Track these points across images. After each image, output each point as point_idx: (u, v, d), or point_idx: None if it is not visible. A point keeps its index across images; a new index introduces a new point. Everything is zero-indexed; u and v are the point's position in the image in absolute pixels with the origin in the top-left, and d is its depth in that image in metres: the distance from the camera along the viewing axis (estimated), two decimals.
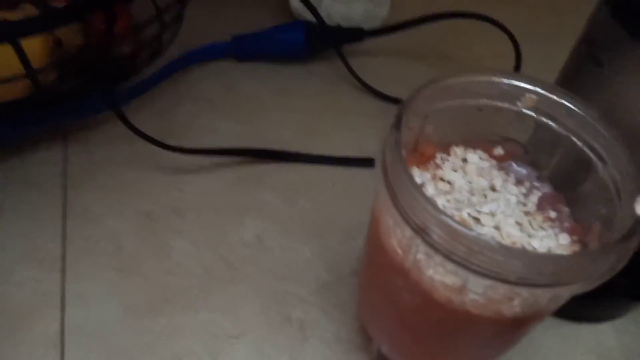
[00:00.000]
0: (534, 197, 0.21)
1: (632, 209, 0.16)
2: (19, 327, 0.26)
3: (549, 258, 0.15)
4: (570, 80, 0.22)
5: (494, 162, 0.21)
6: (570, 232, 0.20)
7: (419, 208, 0.16)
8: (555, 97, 0.19)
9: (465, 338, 0.20)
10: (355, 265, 0.30)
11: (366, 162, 0.34)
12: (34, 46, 0.28)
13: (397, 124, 0.17)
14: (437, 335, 0.20)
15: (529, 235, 0.19)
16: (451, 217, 0.15)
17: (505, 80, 0.19)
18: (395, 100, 0.38)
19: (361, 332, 0.27)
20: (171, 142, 0.32)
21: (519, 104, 0.20)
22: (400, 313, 0.20)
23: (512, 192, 0.20)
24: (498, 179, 0.21)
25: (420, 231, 0.16)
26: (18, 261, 0.28)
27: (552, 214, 0.20)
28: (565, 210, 0.20)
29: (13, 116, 0.31)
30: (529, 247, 0.18)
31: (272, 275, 0.29)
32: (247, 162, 0.34)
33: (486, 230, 0.18)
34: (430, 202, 0.16)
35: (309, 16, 0.40)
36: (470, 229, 0.15)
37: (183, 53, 0.38)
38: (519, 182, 0.21)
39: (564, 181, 0.20)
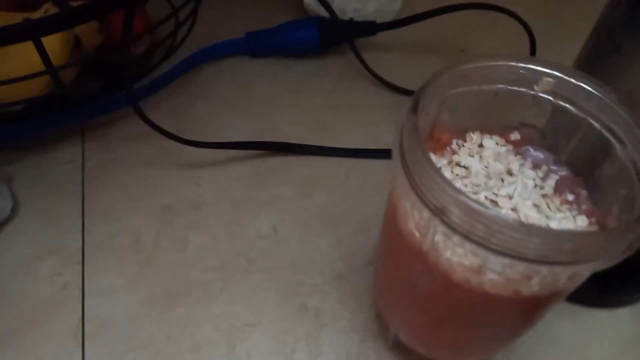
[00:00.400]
0: (551, 181, 0.21)
1: None
2: (40, 318, 0.27)
3: (569, 235, 0.15)
4: (588, 65, 0.22)
5: (510, 147, 0.21)
6: (588, 214, 0.20)
7: (437, 189, 0.16)
8: (573, 80, 0.19)
9: (483, 320, 0.20)
10: (371, 256, 0.30)
11: (381, 154, 0.34)
12: (55, 44, 0.29)
13: (415, 108, 0.18)
14: (455, 318, 0.20)
15: (547, 217, 0.19)
16: (470, 197, 0.15)
17: (522, 65, 0.19)
18: (409, 93, 0.38)
19: (377, 320, 0.27)
20: (187, 138, 0.32)
21: (536, 88, 0.20)
22: (418, 297, 0.20)
23: (529, 176, 0.20)
24: (515, 163, 0.21)
25: (439, 212, 0.16)
26: (39, 255, 0.29)
27: (570, 197, 0.20)
28: (583, 193, 0.20)
29: (33, 114, 0.32)
30: None
31: (288, 266, 0.29)
32: (263, 156, 0.34)
33: (504, 212, 0.18)
34: (449, 183, 0.16)
35: (321, 12, 0.40)
36: (489, 208, 0.15)
37: (197, 51, 0.39)
38: (536, 166, 0.21)
39: (582, 164, 0.20)
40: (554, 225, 0.18)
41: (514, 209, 0.18)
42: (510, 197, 0.19)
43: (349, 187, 0.33)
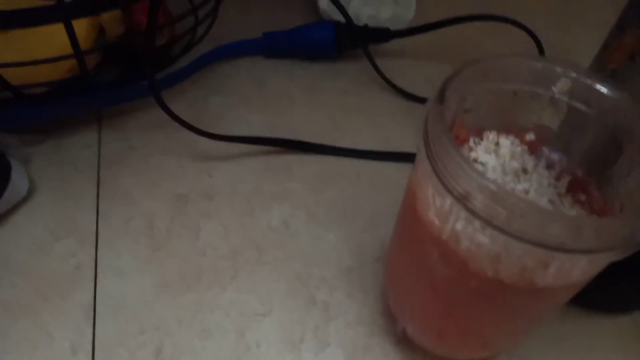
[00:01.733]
0: (565, 181, 0.21)
1: None
2: (54, 296, 0.27)
3: (587, 221, 0.16)
4: (602, 72, 0.23)
5: (525, 146, 0.22)
6: (600, 213, 0.20)
7: (462, 175, 0.17)
8: (589, 81, 0.20)
9: (495, 311, 0.20)
10: (379, 253, 0.30)
11: (390, 156, 0.35)
12: (81, 29, 0.29)
13: (441, 98, 0.18)
14: (468, 308, 0.20)
15: None
16: (494, 182, 0.16)
17: (542, 64, 0.20)
18: (419, 100, 0.39)
19: (384, 314, 0.28)
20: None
21: (553, 88, 0.21)
22: (432, 286, 0.21)
23: (543, 175, 0.21)
24: (529, 162, 0.22)
25: (462, 198, 0.17)
26: (54, 235, 0.29)
27: (582, 197, 0.21)
28: (596, 193, 0.21)
29: (53, 98, 0.32)
30: None
31: (297, 259, 0.30)
32: (276, 151, 0.35)
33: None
34: (475, 168, 0.16)
35: (336, 17, 0.41)
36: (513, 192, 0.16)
37: (215, 47, 0.39)
38: (549, 166, 0.22)
39: (594, 165, 0.21)
40: None
41: None
42: (527, 192, 0.20)
43: (359, 186, 0.34)
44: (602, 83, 0.20)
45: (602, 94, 0.20)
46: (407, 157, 0.35)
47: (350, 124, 0.37)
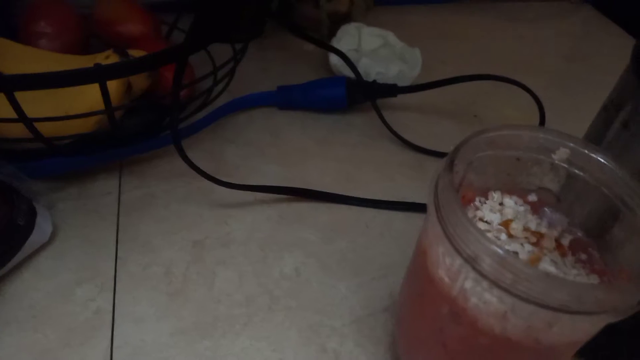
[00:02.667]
0: (566, 241, 0.23)
1: None
2: (73, 341, 0.28)
3: (589, 287, 0.17)
4: (597, 138, 0.24)
5: (528, 206, 0.24)
6: (600, 273, 0.22)
7: (471, 239, 0.18)
8: (586, 152, 0.22)
9: None
10: (388, 302, 0.31)
11: (399, 206, 0.36)
12: (112, 87, 0.31)
13: (450, 166, 0.20)
14: None
15: (564, 273, 0.21)
16: (501, 247, 0.17)
17: (543, 135, 0.22)
18: (425, 152, 0.41)
19: None
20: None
21: (553, 156, 0.22)
22: (443, 342, 0.22)
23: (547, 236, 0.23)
24: (532, 222, 0.23)
25: (471, 260, 0.18)
26: (75, 280, 0.30)
27: (583, 257, 0.22)
28: (596, 254, 0.22)
29: (78, 148, 0.34)
30: None
31: (309, 307, 0.31)
32: (289, 200, 0.36)
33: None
34: (482, 233, 0.18)
35: (346, 73, 0.44)
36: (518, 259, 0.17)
37: (232, 100, 0.42)
38: (551, 226, 0.23)
39: (594, 228, 0.23)
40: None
41: None
42: (529, 252, 0.21)
43: (369, 236, 0.35)
44: (598, 154, 0.21)
45: (599, 164, 0.21)
46: (414, 207, 0.36)
47: (360, 174, 0.39)
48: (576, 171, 0.22)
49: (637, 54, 0.23)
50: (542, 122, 0.41)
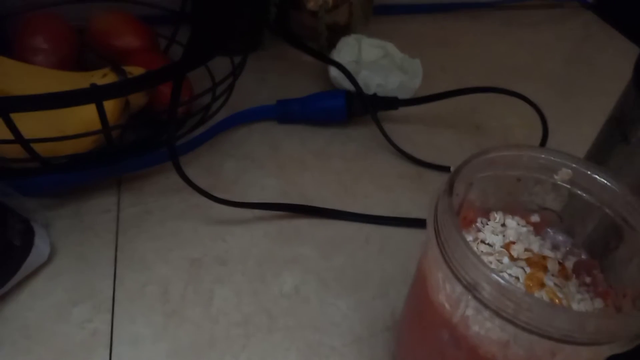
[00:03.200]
0: (569, 263, 0.22)
1: None
2: None
3: (593, 317, 0.17)
4: (600, 154, 0.24)
5: (530, 227, 0.23)
6: (604, 296, 0.21)
7: (471, 266, 0.18)
8: (588, 172, 0.21)
9: None
10: (389, 321, 0.31)
11: (399, 222, 0.36)
12: (110, 107, 0.31)
13: (449, 190, 0.19)
14: None
15: (567, 298, 0.20)
16: (502, 276, 0.17)
17: (544, 155, 0.22)
18: (426, 165, 0.40)
19: None
20: (217, 196, 0.34)
21: (555, 176, 0.22)
22: None
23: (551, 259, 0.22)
24: (535, 244, 0.23)
25: (471, 288, 0.18)
26: (72, 300, 0.30)
27: (587, 279, 0.22)
28: (600, 275, 0.22)
29: (75, 166, 0.34)
30: None
31: (308, 326, 0.30)
32: (288, 216, 0.36)
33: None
34: (482, 260, 0.17)
35: (346, 85, 0.44)
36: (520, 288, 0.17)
37: (230, 114, 0.41)
38: (554, 247, 0.23)
39: (598, 248, 0.22)
40: (574, 306, 0.19)
41: None
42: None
43: (368, 252, 0.35)
44: (601, 174, 0.21)
45: (601, 184, 0.21)
46: (415, 223, 0.36)
47: (360, 188, 0.39)
48: (578, 191, 0.22)
49: (638, 67, 0.23)
50: (544, 131, 0.40)
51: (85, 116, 0.31)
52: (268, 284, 0.32)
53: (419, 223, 0.36)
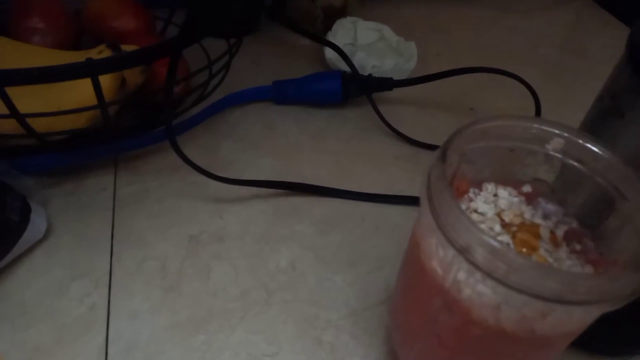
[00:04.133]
0: (560, 231, 0.23)
1: None
2: (68, 337, 0.28)
3: (582, 277, 0.17)
4: (593, 128, 0.24)
5: (522, 197, 0.24)
6: (595, 264, 0.21)
7: (463, 229, 0.18)
8: (580, 141, 0.21)
9: (499, 358, 0.21)
10: (384, 295, 0.31)
11: (394, 199, 0.36)
12: (105, 82, 0.31)
13: (443, 157, 0.20)
14: (472, 354, 0.21)
15: (558, 264, 0.20)
16: (493, 238, 0.17)
17: (536, 125, 0.22)
18: (421, 145, 0.41)
19: (389, 357, 0.28)
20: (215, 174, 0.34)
21: (547, 146, 0.22)
22: (437, 332, 0.22)
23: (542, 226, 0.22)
24: (527, 213, 0.23)
25: (463, 251, 0.18)
26: (69, 276, 0.30)
27: (578, 247, 0.22)
28: (590, 244, 0.22)
29: (73, 144, 0.34)
30: None
31: (305, 300, 0.31)
32: (285, 195, 0.36)
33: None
34: (474, 223, 0.18)
35: (342, 67, 0.44)
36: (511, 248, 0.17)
37: (227, 95, 0.41)
38: (546, 217, 0.23)
39: (589, 218, 0.22)
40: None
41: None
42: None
43: (364, 229, 0.35)
44: (593, 143, 0.21)
45: (593, 153, 0.21)
46: (410, 201, 0.36)
47: (355, 168, 0.39)
48: (570, 161, 0.22)
49: (631, 42, 0.23)
50: (537, 113, 0.41)
51: (81, 93, 0.31)
52: (265, 259, 0.32)
53: (414, 201, 0.36)
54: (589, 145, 0.21)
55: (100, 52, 0.32)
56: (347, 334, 0.29)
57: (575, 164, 0.22)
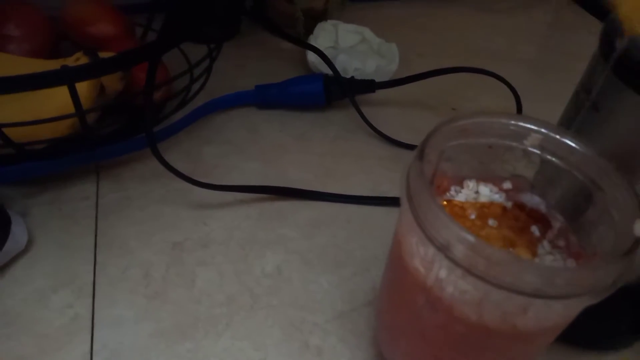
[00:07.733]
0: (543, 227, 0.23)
1: (632, 231, 0.18)
2: (51, 347, 0.27)
3: (559, 270, 0.17)
4: (570, 122, 0.25)
5: (503, 194, 0.24)
6: (577, 257, 0.22)
7: (442, 226, 0.18)
8: (557, 137, 0.22)
9: (482, 354, 0.21)
10: (370, 296, 0.31)
11: (379, 201, 0.36)
12: (83, 89, 0.31)
13: (421, 155, 0.20)
14: (456, 351, 0.21)
15: (540, 259, 0.21)
16: (472, 234, 0.17)
17: (513, 122, 0.22)
18: (405, 146, 0.41)
19: (377, 358, 0.28)
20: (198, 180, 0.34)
21: (525, 142, 0.22)
22: (421, 331, 0.22)
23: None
24: None
25: (443, 248, 0.18)
26: (51, 287, 0.30)
27: (560, 242, 0.22)
28: (572, 238, 0.22)
29: (52, 153, 0.33)
30: None
31: (291, 304, 0.30)
32: (269, 199, 0.36)
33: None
34: (453, 220, 0.18)
35: (324, 70, 0.44)
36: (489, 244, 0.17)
37: (209, 100, 0.41)
38: None
39: (569, 211, 0.23)
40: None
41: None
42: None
43: (350, 231, 0.35)
44: (570, 138, 0.21)
45: (570, 148, 0.21)
46: (394, 202, 0.36)
47: (340, 170, 0.39)
48: (548, 156, 0.22)
49: (604, 36, 0.23)
50: (519, 110, 0.41)
51: (59, 101, 0.31)
52: (250, 264, 0.32)
53: (398, 202, 0.36)
54: (565, 140, 0.22)
55: (78, 60, 0.32)
56: (334, 337, 0.29)
57: (553, 158, 0.22)
